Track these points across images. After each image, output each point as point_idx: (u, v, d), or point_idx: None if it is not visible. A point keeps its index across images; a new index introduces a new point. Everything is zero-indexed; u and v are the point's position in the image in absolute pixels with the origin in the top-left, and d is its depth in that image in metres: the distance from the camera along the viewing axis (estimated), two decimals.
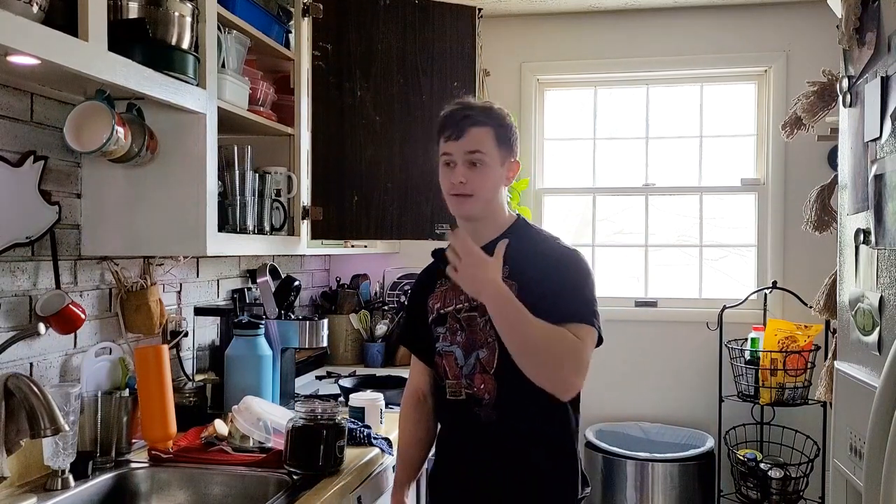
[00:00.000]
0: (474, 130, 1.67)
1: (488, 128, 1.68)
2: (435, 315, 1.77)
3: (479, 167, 1.67)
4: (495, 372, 1.66)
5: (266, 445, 1.91)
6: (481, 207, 1.71)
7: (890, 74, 1.58)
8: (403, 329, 2.00)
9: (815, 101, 2.38)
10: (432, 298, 1.79)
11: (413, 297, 1.91)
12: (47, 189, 1.76)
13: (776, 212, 3.49)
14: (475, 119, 1.68)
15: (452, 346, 1.73)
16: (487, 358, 1.67)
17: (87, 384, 1.86)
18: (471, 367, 1.70)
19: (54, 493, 1.62)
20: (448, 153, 1.69)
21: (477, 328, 1.69)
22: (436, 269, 1.81)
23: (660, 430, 3.50)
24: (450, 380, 1.74)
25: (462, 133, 1.67)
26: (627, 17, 3.60)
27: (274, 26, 2.32)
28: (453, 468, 1.79)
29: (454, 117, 1.69)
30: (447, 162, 1.70)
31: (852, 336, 1.81)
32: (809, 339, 3.14)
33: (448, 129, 1.69)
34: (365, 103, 2.48)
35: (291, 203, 2.36)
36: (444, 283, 1.77)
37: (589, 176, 3.78)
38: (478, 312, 1.69)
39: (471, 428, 1.72)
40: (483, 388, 1.68)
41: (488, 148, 1.68)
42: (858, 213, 1.76)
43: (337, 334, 3.32)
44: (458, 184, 1.67)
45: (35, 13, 1.31)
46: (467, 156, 1.67)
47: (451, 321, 1.74)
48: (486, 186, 1.69)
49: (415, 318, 1.86)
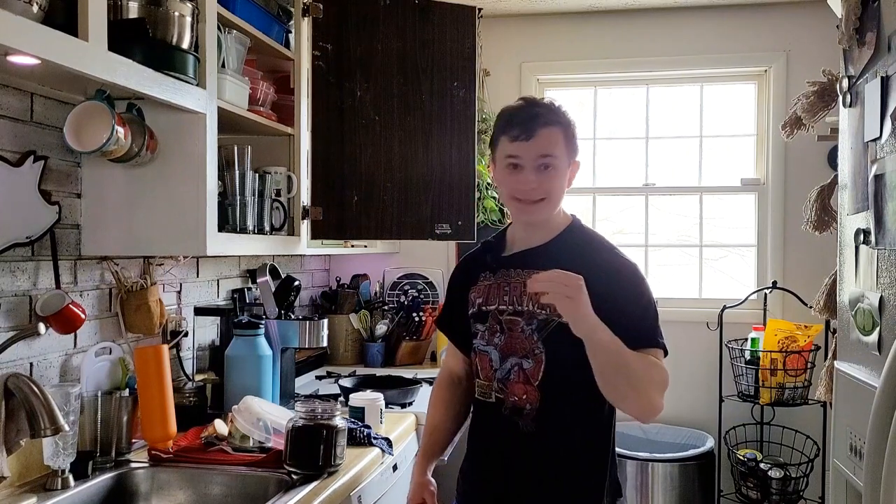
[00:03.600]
0: (545, 132, 1.57)
1: (559, 128, 1.59)
2: (476, 310, 1.69)
3: (549, 171, 1.58)
4: (540, 384, 1.59)
5: (266, 445, 1.91)
6: (550, 211, 1.64)
7: (890, 74, 1.58)
8: (443, 314, 1.91)
9: (815, 101, 2.38)
10: (474, 291, 1.71)
11: (454, 283, 1.82)
12: (47, 189, 1.76)
13: (776, 212, 3.49)
14: (546, 119, 1.58)
15: (489, 346, 1.66)
16: (532, 369, 1.60)
17: (87, 384, 1.86)
18: (505, 373, 1.63)
19: (54, 493, 1.62)
20: (516, 155, 1.58)
21: (518, 333, 1.62)
22: (482, 259, 1.73)
23: (660, 430, 3.50)
24: (480, 380, 1.69)
25: (532, 134, 1.56)
26: (627, 17, 3.60)
27: (274, 26, 2.32)
28: (486, 470, 1.72)
29: (521, 115, 1.58)
30: (514, 164, 1.59)
31: (852, 336, 1.81)
32: (809, 339, 3.14)
33: (515, 129, 1.57)
34: (365, 103, 2.48)
35: (291, 203, 2.36)
36: (487, 277, 1.70)
37: (589, 176, 3.77)
38: (522, 318, 1.61)
39: (505, 434, 1.64)
40: (525, 398, 1.61)
41: (559, 150, 1.59)
42: (858, 213, 1.76)
43: (337, 334, 3.32)
44: (529, 189, 1.58)
45: (35, 13, 1.31)
46: (539, 159, 1.57)
47: (491, 321, 1.65)
48: (557, 190, 1.61)
49: (454, 306, 1.79)
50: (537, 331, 1.59)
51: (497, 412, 1.65)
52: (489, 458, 1.71)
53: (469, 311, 1.72)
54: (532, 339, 1.60)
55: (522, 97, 1.66)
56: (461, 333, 1.77)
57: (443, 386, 1.84)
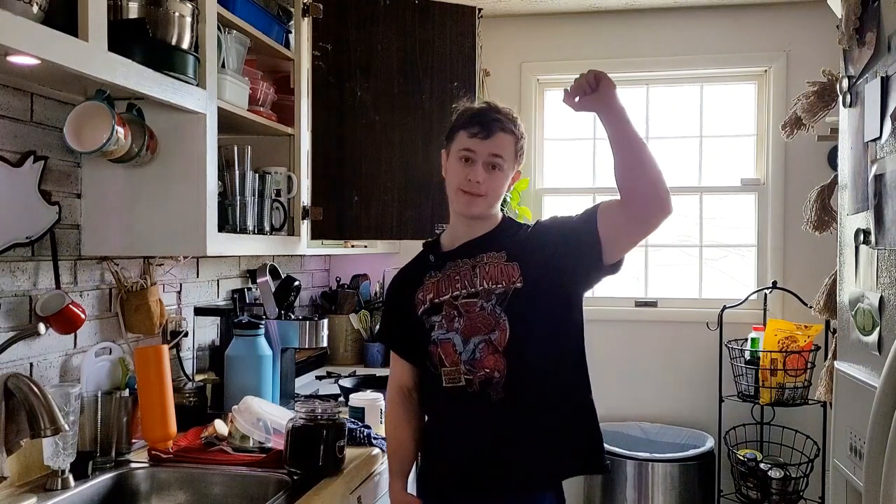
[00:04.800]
0: (501, 135, 1.72)
1: (513, 137, 1.74)
2: (427, 305, 1.77)
3: (496, 171, 1.73)
4: (505, 350, 1.68)
5: (266, 445, 1.91)
6: (487, 209, 1.76)
7: (890, 74, 1.58)
8: (383, 327, 2.00)
9: (815, 101, 2.38)
10: (422, 291, 1.79)
11: (396, 294, 1.90)
12: (47, 189, 1.76)
13: (776, 212, 3.49)
14: (504, 125, 1.73)
15: (450, 332, 1.73)
16: (499, 339, 1.68)
17: (87, 384, 1.86)
18: (470, 353, 1.70)
19: (54, 493, 1.62)
20: (471, 150, 1.71)
21: (478, 313, 1.70)
22: (424, 262, 1.83)
23: (660, 430, 3.50)
24: (447, 367, 1.73)
25: (490, 134, 1.71)
26: (627, 17, 3.60)
27: (274, 26, 2.33)
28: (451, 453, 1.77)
29: (484, 117, 1.73)
30: (466, 157, 1.72)
31: (852, 336, 1.81)
32: (809, 339, 3.14)
33: (476, 127, 1.72)
34: (365, 103, 2.48)
35: (291, 203, 2.36)
36: (434, 275, 1.78)
37: (589, 176, 3.77)
38: (479, 297, 1.71)
39: (475, 410, 1.71)
40: (494, 366, 1.68)
41: (508, 155, 1.74)
42: (858, 213, 1.76)
43: (337, 334, 3.32)
44: (474, 182, 1.71)
45: (35, 13, 1.31)
46: (490, 158, 1.71)
47: (447, 308, 1.74)
48: (498, 190, 1.75)
49: (397, 314, 1.87)
50: (498, 304, 1.69)
51: (465, 392, 1.71)
52: (453, 440, 1.77)
53: (419, 310, 1.79)
54: (495, 312, 1.70)
55: (486, 101, 1.80)
56: (407, 341, 1.84)
57: (396, 402, 1.88)
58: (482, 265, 1.73)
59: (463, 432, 1.75)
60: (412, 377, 1.86)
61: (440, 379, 1.74)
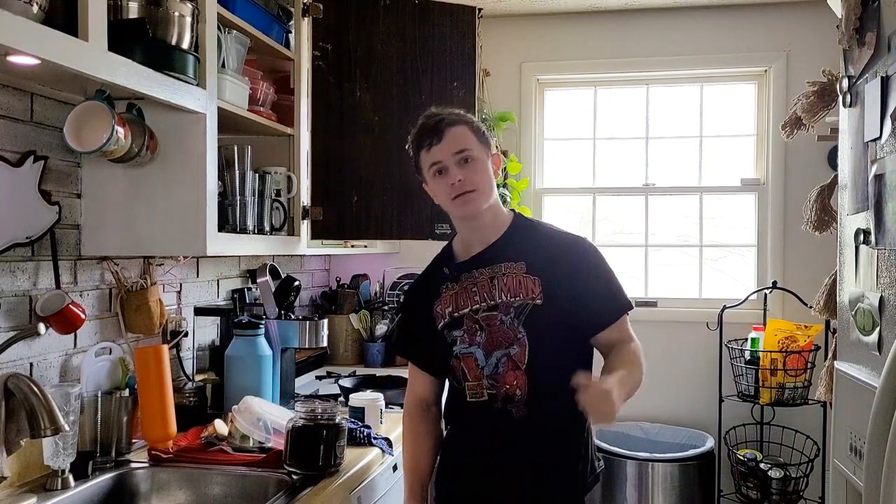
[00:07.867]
0: (452, 130, 1.68)
1: (463, 125, 1.70)
2: (448, 319, 1.74)
3: (471, 163, 1.67)
4: (526, 367, 1.66)
5: (266, 445, 1.91)
6: (484, 202, 1.70)
7: (890, 74, 1.58)
8: (401, 339, 1.96)
9: (815, 101, 2.38)
10: (440, 304, 1.75)
11: (413, 306, 1.87)
12: (47, 189, 1.76)
13: (776, 212, 3.49)
14: (449, 119, 1.69)
15: (472, 347, 1.70)
16: (519, 354, 1.66)
17: (87, 384, 1.86)
18: (493, 367, 1.68)
19: (54, 493, 1.62)
20: (437, 161, 1.68)
21: (499, 326, 1.68)
22: (438, 274, 1.79)
23: (660, 430, 3.50)
24: (470, 382, 1.71)
25: (442, 136, 1.67)
26: (627, 17, 3.60)
27: (274, 26, 2.32)
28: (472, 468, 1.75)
29: (427, 125, 1.69)
30: (438, 170, 1.68)
31: (852, 336, 1.81)
32: (809, 339, 3.14)
33: (427, 138, 1.68)
34: (365, 103, 2.48)
35: (291, 203, 2.36)
36: (450, 287, 1.75)
37: (589, 176, 3.78)
38: (499, 311, 1.68)
39: (498, 426, 1.69)
40: (516, 384, 1.66)
41: (471, 143, 1.69)
42: (858, 213, 1.76)
43: (337, 334, 3.32)
44: (457, 183, 1.66)
45: (35, 13, 1.31)
46: (456, 156, 1.67)
47: (468, 322, 1.71)
48: (483, 179, 1.69)
49: (416, 327, 1.83)
50: (516, 317, 1.67)
51: (490, 407, 1.69)
52: (474, 454, 1.75)
53: (439, 324, 1.75)
54: (513, 326, 1.67)
55: (424, 114, 1.75)
56: (427, 350, 1.81)
57: (415, 416, 1.86)
58: (500, 276, 1.70)
59: (486, 448, 1.73)
60: (432, 391, 1.85)
61: (464, 393, 1.73)
